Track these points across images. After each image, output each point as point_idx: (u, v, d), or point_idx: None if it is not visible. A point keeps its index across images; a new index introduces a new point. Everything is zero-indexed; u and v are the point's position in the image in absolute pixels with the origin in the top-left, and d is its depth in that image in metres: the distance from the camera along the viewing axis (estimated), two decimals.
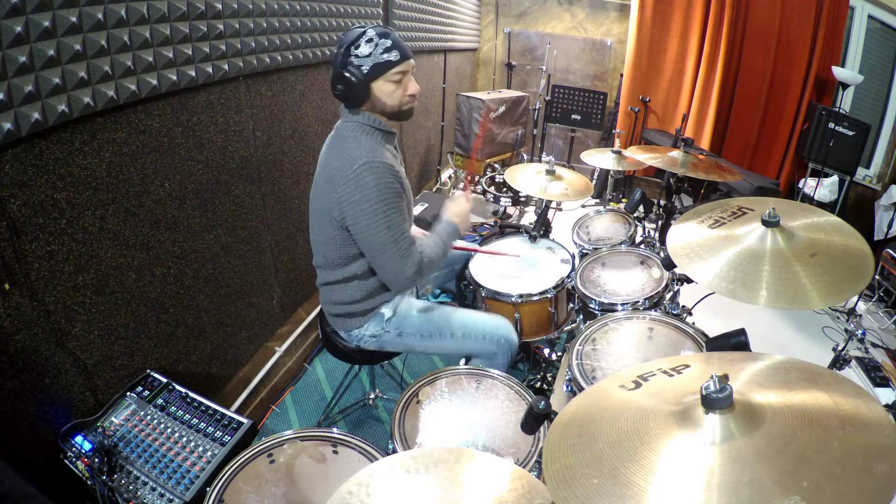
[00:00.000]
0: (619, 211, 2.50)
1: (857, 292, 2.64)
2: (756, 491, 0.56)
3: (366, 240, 1.41)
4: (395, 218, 1.38)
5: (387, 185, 1.36)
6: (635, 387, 0.81)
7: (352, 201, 1.36)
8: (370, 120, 1.44)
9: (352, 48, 1.35)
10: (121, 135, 1.37)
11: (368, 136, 1.44)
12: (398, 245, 1.40)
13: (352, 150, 1.38)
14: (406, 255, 1.41)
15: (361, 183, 1.34)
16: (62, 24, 1.13)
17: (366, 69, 1.36)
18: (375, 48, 1.35)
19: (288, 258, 2.29)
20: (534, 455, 1.15)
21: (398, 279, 1.45)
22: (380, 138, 1.46)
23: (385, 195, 1.36)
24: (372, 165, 1.35)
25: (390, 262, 1.42)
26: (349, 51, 1.35)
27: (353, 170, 1.34)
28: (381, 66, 1.37)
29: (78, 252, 1.29)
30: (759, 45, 4.01)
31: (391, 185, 1.38)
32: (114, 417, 1.37)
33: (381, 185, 1.35)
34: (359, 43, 1.34)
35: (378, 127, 1.45)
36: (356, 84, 1.36)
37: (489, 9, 4.88)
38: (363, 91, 1.38)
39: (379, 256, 1.43)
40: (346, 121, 1.47)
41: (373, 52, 1.35)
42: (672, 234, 1.25)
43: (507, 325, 1.66)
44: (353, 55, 1.35)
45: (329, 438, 1.16)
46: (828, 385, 0.69)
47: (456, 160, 4.26)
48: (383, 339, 1.63)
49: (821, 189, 3.56)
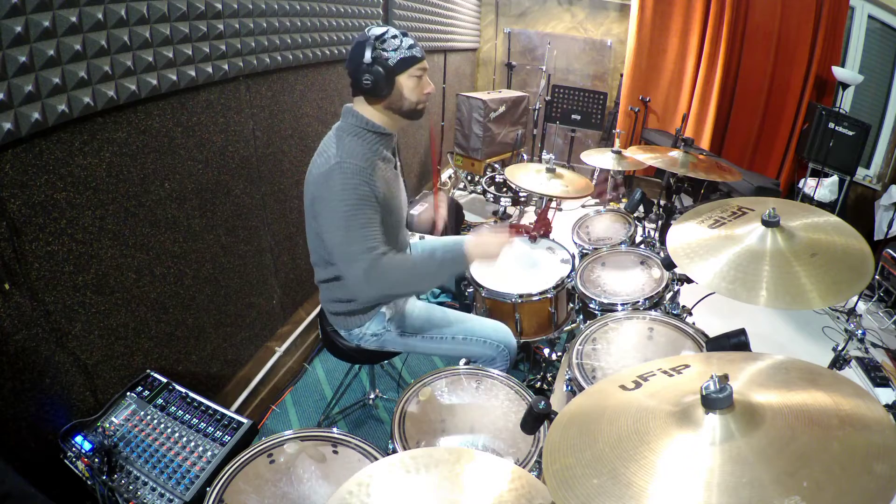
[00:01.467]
0: (619, 211, 2.50)
1: (857, 292, 2.64)
2: (756, 491, 0.56)
3: (325, 237, 1.41)
4: (354, 219, 1.35)
5: (352, 187, 1.34)
6: (635, 387, 0.81)
7: (320, 198, 1.38)
8: (366, 122, 1.44)
9: (378, 42, 1.38)
10: (121, 135, 1.37)
11: (360, 138, 1.43)
12: (349, 247, 1.36)
13: (331, 150, 1.40)
14: (356, 260, 1.35)
15: (330, 181, 1.35)
16: (62, 24, 1.13)
17: (393, 62, 1.39)
18: (401, 44, 1.39)
19: (288, 258, 2.29)
20: (534, 455, 1.15)
21: (352, 284, 1.41)
22: (373, 141, 1.45)
23: (348, 196, 1.34)
24: (342, 166, 1.35)
25: (344, 265, 1.40)
26: (376, 45, 1.37)
27: (326, 168, 1.36)
28: (407, 60, 1.40)
29: (78, 252, 1.29)
30: (759, 45, 4.01)
31: (357, 188, 1.35)
32: (114, 417, 1.37)
33: (347, 188, 1.34)
34: (384, 38, 1.38)
35: (373, 129, 1.45)
36: (384, 76, 1.38)
37: (489, 9, 4.88)
38: (389, 84, 1.40)
39: (334, 256, 1.42)
40: (342, 122, 1.48)
41: (399, 47, 1.39)
42: (672, 234, 1.25)
43: (506, 330, 1.67)
44: (381, 49, 1.38)
45: (329, 438, 1.16)
46: (828, 385, 0.69)
47: (456, 160, 4.26)
48: (384, 338, 1.63)
49: (821, 189, 3.56)
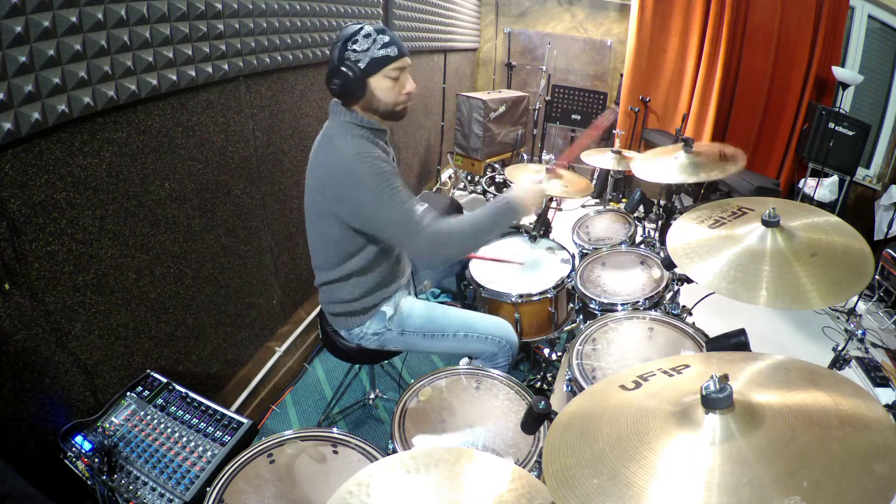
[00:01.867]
0: (619, 211, 2.50)
1: (857, 292, 2.64)
2: (756, 491, 0.56)
3: (379, 223, 1.39)
4: (399, 195, 1.35)
5: (380, 169, 1.35)
6: (635, 387, 0.81)
7: (351, 195, 1.36)
8: (358, 119, 1.43)
9: (349, 43, 1.34)
10: (121, 135, 1.37)
11: (356, 134, 1.42)
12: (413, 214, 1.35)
13: (341, 149, 1.38)
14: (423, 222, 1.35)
15: (356, 173, 1.34)
16: (62, 24, 1.13)
17: (363, 64, 1.34)
18: (373, 44, 1.34)
19: (288, 258, 2.29)
20: (534, 455, 1.15)
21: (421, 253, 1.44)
22: (369, 136, 1.44)
23: (381, 177, 1.34)
24: (363, 156, 1.35)
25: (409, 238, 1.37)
26: (346, 45, 1.34)
27: (346, 164, 1.35)
28: (378, 60, 1.35)
29: (78, 252, 1.29)
30: (759, 45, 4.01)
31: (384, 167, 1.36)
32: (114, 417, 1.37)
33: (375, 170, 1.34)
34: (356, 38, 1.33)
35: (367, 125, 1.43)
36: (352, 79, 1.35)
37: (489, 9, 4.88)
38: (359, 87, 1.36)
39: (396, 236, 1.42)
40: (334, 121, 1.45)
41: (370, 48, 1.34)
42: (672, 234, 1.25)
43: (507, 326, 1.66)
44: (350, 50, 1.34)
45: (329, 438, 1.16)
46: (828, 385, 0.69)
47: (456, 160, 4.26)
48: (385, 336, 1.63)
49: (821, 189, 3.56)
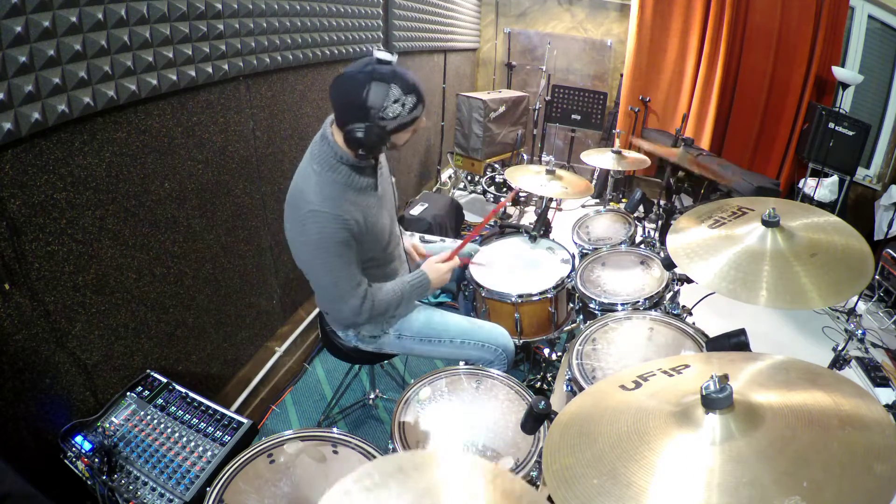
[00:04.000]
0: (619, 211, 2.50)
1: (857, 292, 2.64)
2: (756, 491, 0.56)
3: (309, 277, 1.48)
4: (336, 263, 1.38)
5: (329, 234, 1.34)
6: (635, 387, 0.81)
7: (296, 241, 1.42)
8: (342, 157, 1.38)
9: (380, 112, 1.28)
10: (121, 135, 1.37)
11: (333, 173, 1.38)
12: (338, 288, 1.42)
13: (307, 195, 1.35)
14: (345, 300, 1.42)
15: (305, 229, 1.36)
16: (62, 24, 1.13)
17: (391, 128, 1.32)
18: (403, 108, 1.30)
19: (288, 258, 2.27)
20: (534, 455, 1.15)
21: (337, 318, 1.56)
22: (346, 174, 1.39)
23: (326, 244, 1.35)
24: (317, 214, 1.33)
25: (330, 303, 1.50)
26: (378, 113, 1.28)
27: (301, 213, 1.35)
28: (407, 123, 1.34)
29: (78, 252, 1.29)
30: (759, 45, 4.01)
31: (334, 234, 1.35)
32: (114, 417, 1.37)
33: (324, 235, 1.34)
34: (385, 105, 1.28)
35: (346, 163, 1.39)
36: (379, 140, 1.32)
37: (489, 9, 4.88)
38: (381, 142, 1.33)
39: (320, 295, 1.52)
40: (320, 147, 1.39)
41: (400, 114, 1.30)
42: (672, 234, 1.25)
43: (504, 334, 1.67)
44: (381, 117, 1.29)
45: (329, 438, 1.16)
46: (828, 385, 0.69)
47: (456, 160, 4.26)
48: (382, 340, 1.63)
49: (821, 189, 3.56)
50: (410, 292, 1.56)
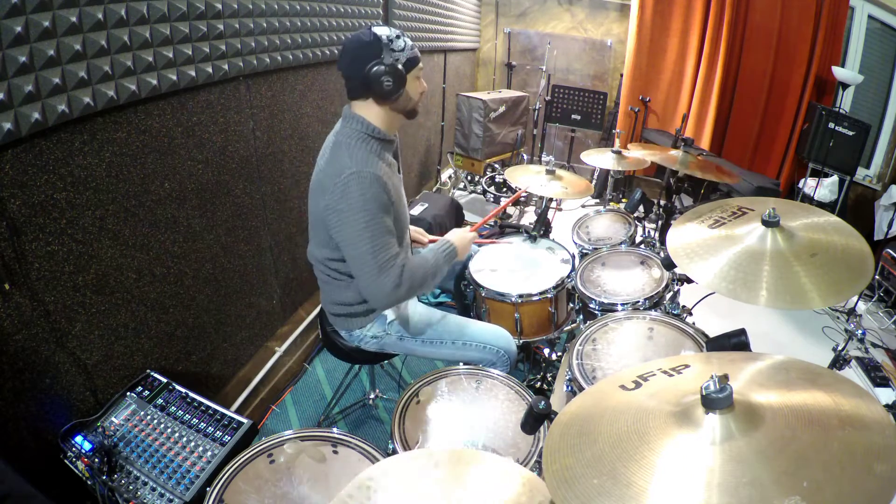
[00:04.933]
0: (619, 211, 2.50)
1: (857, 292, 2.64)
2: (756, 491, 0.56)
3: (347, 250, 1.41)
4: (377, 229, 1.37)
5: (372, 196, 1.35)
6: (635, 387, 0.81)
7: (336, 209, 1.37)
8: (371, 129, 1.43)
9: (390, 44, 1.38)
10: (121, 135, 1.37)
11: (365, 144, 1.42)
12: (377, 258, 1.38)
13: (343, 160, 1.38)
14: (385, 270, 1.39)
15: (347, 192, 1.34)
16: (62, 24, 1.13)
17: (402, 63, 1.40)
18: (406, 43, 1.41)
19: (288, 258, 2.29)
20: (534, 455, 1.15)
21: (376, 294, 1.43)
22: (377, 147, 1.44)
23: (369, 206, 1.35)
24: (360, 175, 1.34)
25: (369, 276, 1.40)
26: (389, 46, 1.37)
27: (342, 178, 1.35)
28: (412, 60, 1.43)
29: (78, 252, 1.29)
30: (759, 45, 4.01)
31: (377, 196, 1.36)
32: (114, 417, 1.37)
33: (367, 197, 1.34)
34: (392, 39, 1.38)
35: (377, 136, 1.44)
36: (399, 76, 1.39)
37: (489, 9, 4.88)
38: (402, 84, 1.41)
39: (358, 268, 1.42)
40: (346, 127, 1.45)
41: (405, 48, 1.40)
42: (672, 234, 1.25)
43: (507, 335, 1.67)
44: (393, 49, 1.38)
45: (329, 438, 1.16)
46: (828, 385, 0.69)
47: (456, 160, 4.26)
48: (384, 340, 1.63)
49: (821, 189, 3.56)
50: (441, 260, 1.54)
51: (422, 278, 1.47)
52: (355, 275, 1.45)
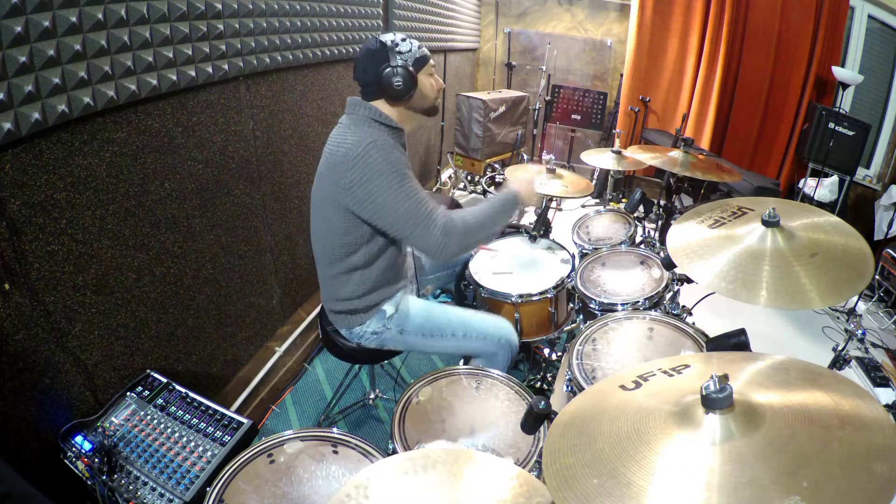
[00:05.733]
0: (619, 211, 2.50)
1: (857, 292, 2.64)
2: (756, 491, 0.56)
3: (387, 217, 1.39)
4: (410, 184, 1.40)
5: (396, 159, 1.39)
6: (635, 387, 0.81)
7: (363, 181, 1.36)
8: (380, 116, 1.47)
9: (395, 47, 1.43)
10: (121, 135, 1.37)
11: (373, 128, 1.46)
12: (421, 210, 1.39)
13: (355, 136, 1.41)
14: (433, 217, 1.40)
15: (370, 161, 1.35)
16: (62, 24, 1.13)
17: (411, 63, 1.45)
18: (412, 45, 1.46)
19: (288, 258, 2.29)
20: (534, 455, 1.15)
21: (434, 246, 1.41)
22: (385, 133, 1.47)
23: (397, 167, 1.38)
24: (377, 144, 1.38)
25: (422, 229, 1.39)
26: (395, 49, 1.43)
27: (359, 152, 1.36)
28: (420, 59, 1.47)
29: (78, 252, 1.29)
30: (759, 45, 4.01)
31: (399, 159, 1.40)
32: (114, 417, 1.37)
33: (391, 160, 1.38)
34: (396, 42, 1.44)
35: (385, 122, 1.48)
36: (409, 77, 1.43)
37: (489, 9, 4.88)
38: (413, 83, 1.45)
39: (408, 227, 1.40)
40: (354, 114, 1.48)
41: (412, 49, 1.45)
42: (672, 234, 1.25)
43: (507, 325, 1.66)
44: (399, 51, 1.43)
45: (329, 438, 1.16)
46: (828, 385, 0.69)
47: (456, 160, 4.26)
48: (384, 336, 1.63)
49: (821, 189, 3.56)
50: (499, 206, 1.53)
51: (475, 222, 1.47)
52: (404, 237, 1.45)
